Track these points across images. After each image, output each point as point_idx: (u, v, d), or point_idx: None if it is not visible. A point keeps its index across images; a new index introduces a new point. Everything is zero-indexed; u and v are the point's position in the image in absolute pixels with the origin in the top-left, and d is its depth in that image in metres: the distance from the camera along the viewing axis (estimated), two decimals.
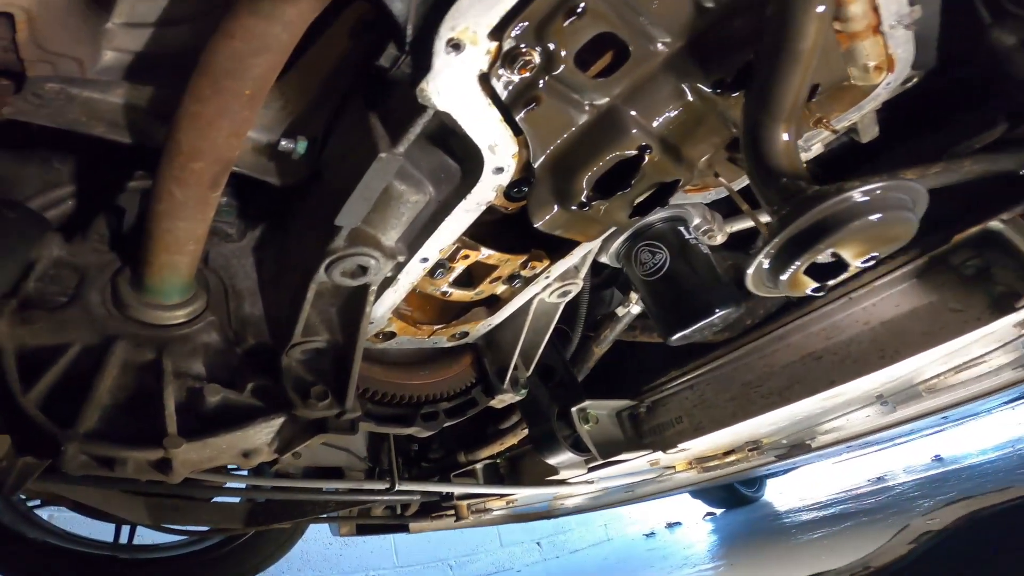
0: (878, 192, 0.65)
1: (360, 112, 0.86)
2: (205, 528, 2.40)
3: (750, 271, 0.73)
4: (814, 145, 1.21)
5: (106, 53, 0.86)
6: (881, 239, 0.68)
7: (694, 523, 5.59)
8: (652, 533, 5.85)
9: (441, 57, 0.69)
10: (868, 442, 2.98)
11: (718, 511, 5.36)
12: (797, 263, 0.68)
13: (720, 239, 1.35)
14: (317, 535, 4.25)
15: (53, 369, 0.98)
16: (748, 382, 1.69)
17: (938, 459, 5.25)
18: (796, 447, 2.51)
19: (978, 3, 1.24)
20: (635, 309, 1.55)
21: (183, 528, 2.39)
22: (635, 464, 1.95)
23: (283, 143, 0.94)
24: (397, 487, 1.84)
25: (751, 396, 1.68)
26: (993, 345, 1.56)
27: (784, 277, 0.71)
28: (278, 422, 1.13)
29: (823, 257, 0.68)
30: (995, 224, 1.27)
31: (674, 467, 2.17)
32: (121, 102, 0.91)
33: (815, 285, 0.74)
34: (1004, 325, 1.36)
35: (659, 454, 1.82)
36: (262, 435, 1.15)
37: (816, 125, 1.10)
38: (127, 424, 1.01)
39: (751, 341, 1.64)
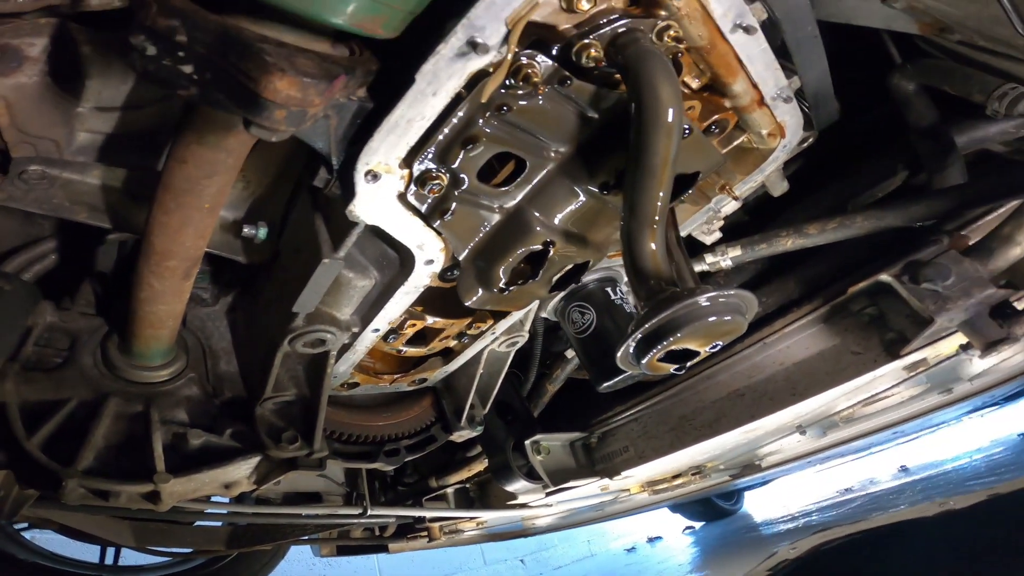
0: (716, 298, 0.81)
1: (307, 210, 1.00)
2: (188, 550, 2.51)
3: (619, 354, 0.89)
4: (724, 207, 1.33)
5: (80, 134, 0.93)
6: (718, 334, 0.83)
7: (674, 537, 5.72)
8: (633, 548, 5.97)
9: (362, 185, 0.81)
10: (830, 455, 3.14)
11: (697, 524, 5.50)
12: (653, 352, 0.83)
13: None
14: (301, 555, 4.33)
15: (54, 418, 1.12)
16: (684, 415, 1.86)
17: (904, 469, 5.44)
18: (747, 467, 2.68)
19: (890, 45, 1.38)
20: None
21: (167, 550, 2.51)
22: (588, 489, 2.12)
23: (246, 229, 1.07)
24: (369, 512, 1.98)
25: (686, 428, 1.86)
26: (893, 381, 1.75)
27: (644, 362, 0.85)
28: (254, 460, 1.29)
29: (677, 346, 0.84)
30: (884, 277, 1.41)
31: (628, 490, 2.33)
32: (98, 183, 1.01)
33: (674, 367, 0.88)
34: (893, 367, 1.53)
35: (606, 480, 1.98)
36: (241, 471, 1.30)
37: (721, 191, 1.24)
38: (120, 462, 1.15)
39: (684, 380, 1.82)
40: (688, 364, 0.89)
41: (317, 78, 0.60)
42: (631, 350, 0.86)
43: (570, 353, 1.79)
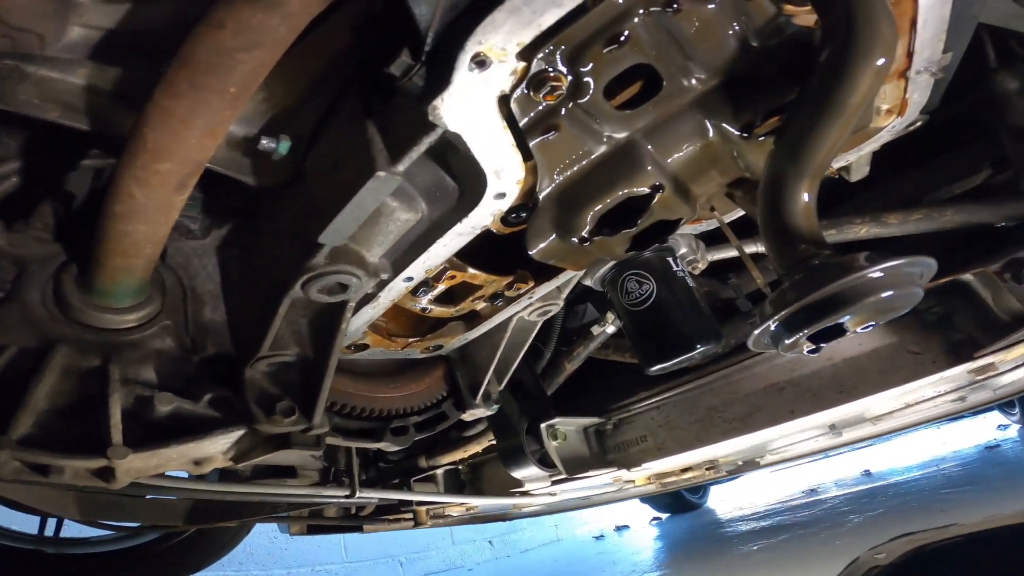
0: (894, 269, 0.64)
1: (356, 117, 0.79)
2: (137, 524, 2.27)
3: (756, 332, 0.72)
4: None
5: (73, 29, 0.77)
6: (887, 310, 0.68)
7: (641, 527, 5.74)
8: (601, 536, 5.97)
9: (463, 73, 0.62)
10: (827, 454, 3.11)
11: (664, 516, 5.53)
12: (806, 330, 0.67)
13: (701, 267, 1.35)
14: (262, 528, 4.11)
15: None
16: (713, 407, 1.72)
17: (867, 474, 5.58)
18: (747, 463, 2.59)
19: (987, 45, 1.28)
20: (610, 329, 1.54)
21: (116, 524, 2.25)
22: (599, 479, 1.96)
23: (264, 141, 0.85)
24: (358, 495, 1.77)
25: (715, 421, 1.71)
26: (944, 388, 1.65)
27: (789, 341, 0.70)
28: (237, 434, 1.05)
29: (829, 322, 0.67)
30: (967, 276, 1.31)
31: (634, 481, 2.19)
32: (82, 83, 0.81)
33: (812, 347, 0.74)
34: (958, 371, 1.43)
35: (623, 471, 1.83)
36: (217, 445, 1.07)
37: None
38: (66, 431, 0.93)
39: (720, 369, 1.67)
40: (828, 344, 0.72)
41: None
42: (775, 327, 0.68)
43: (596, 329, 1.61)
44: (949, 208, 1.28)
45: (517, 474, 1.70)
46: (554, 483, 1.87)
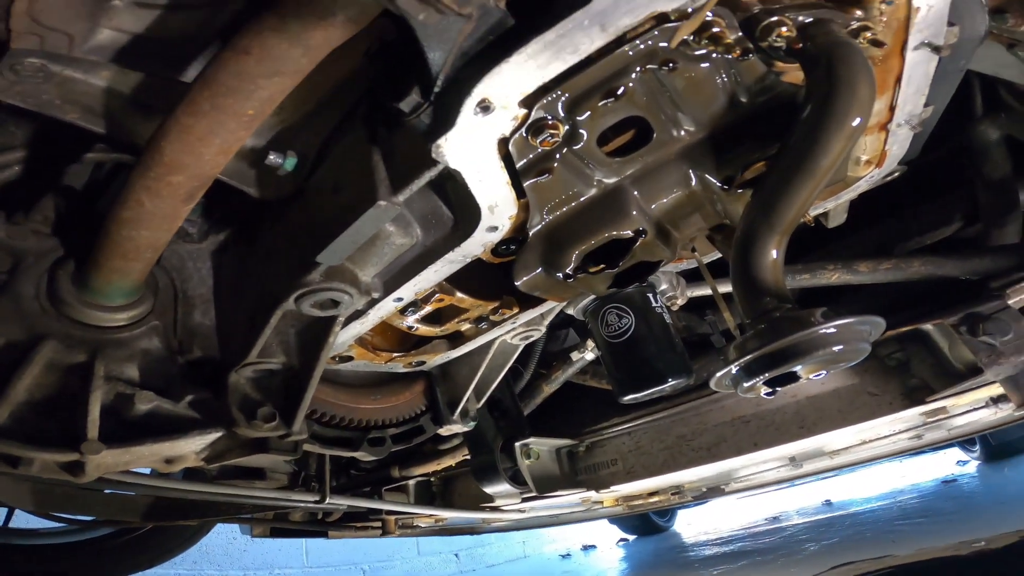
0: (846, 327, 0.70)
1: (361, 144, 0.83)
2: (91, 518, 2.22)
3: (719, 374, 0.77)
4: None
5: (102, 31, 0.79)
6: (836, 362, 0.74)
7: (608, 548, 5.76)
8: (568, 555, 5.97)
9: (467, 116, 0.66)
10: (789, 485, 3.19)
11: (630, 537, 5.56)
12: (764, 376, 0.73)
13: (681, 302, 1.41)
14: (221, 527, 4.02)
15: None
16: (682, 435, 1.78)
17: (827, 503, 5.70)
18: (711, 490, 2.66)
19: (976, 92, 1.34)
20: (589, 356, 1.59)
21: (71, 517, 2.20)
22: (568, 498, 2.00)
23: (271, 156, 0.88)
24: (328, 501, 1.78)
25: (683, 449, 1.77)
26: (899, 427, 1.73)
27: (747, 384, 0.76)
28: (213, 436, 1.07)
29: (783, 371, 0.73)
30: (927, 326, 1.39)
31: (602, 501, 2.23)
32: (103, 85, 0.83)
33: (768, 390, 0.79)
34: (912, 413, 1.51)
35: (591, 492, 1.87)
36: (192, 445, 1.08)
37: None
38: (42, 423, 0.94)
39: (691, 400, 1.73)
40: (782, 388, 0.78)
41: None
42: (735, 371, 0.74)
43: (576, 355, 1.65)
44: (916, 260, 1.35)
45: (489, 489, 1.73)
46: (524, 500, 1.90)
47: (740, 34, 0.69)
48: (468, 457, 1.89)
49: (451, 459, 2.01)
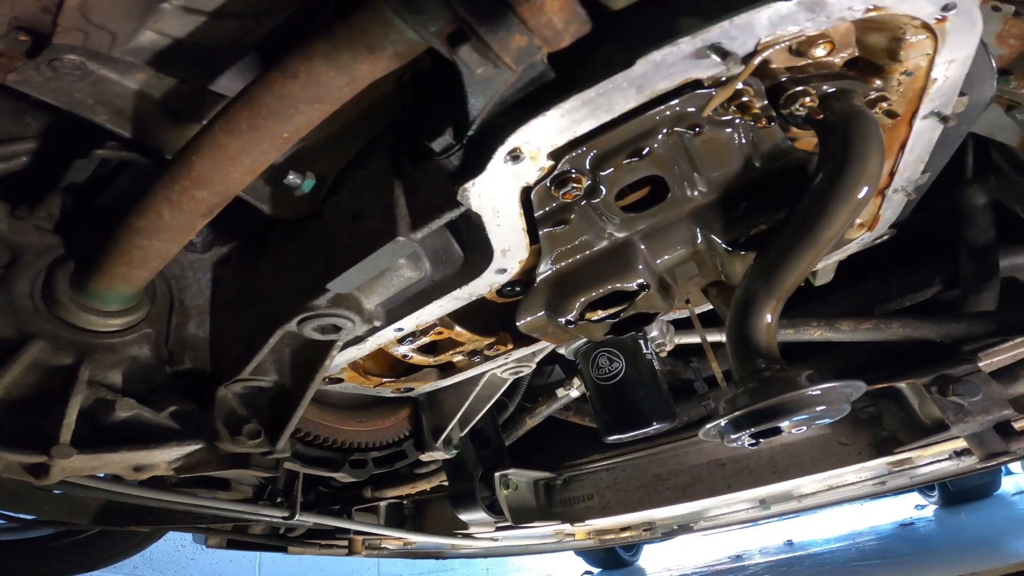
0: (830, 390, 0.74)
1: (384, 175, 0.83)
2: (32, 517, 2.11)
3: (708, 426, 0.80)
4: None
5: (145, 33, 0.79)
6: (818, 419, 0.78)
7: None
8: None
9: (497, 163, 0.68)
10: (754, 524, 3.24)
11: (595, 571, 5.52)
12: (751, 429, 0.76)
13: (669, 348, 1.44)
14: (170, 532, 3.83)
15: None
16: (659, 475, 1.80)
17: (789, 543, 5.76)
18: (681, 527, 2.68)
19: (968, 153, 1.36)
20: (574, 393, 1.61)
21: (13, 515, 2.09)
22: (540, 529, 2.00)
23: (291, 176, 0.88)
24: (297, 518, 1.74)
25: (659, 487, 1.80)
26: (865, 475, 1.79)
27: (734, 436, 0.79)
28: (191, 448, 1.05)
29: (769, 426, 0.76)
30: (902, 384, 1.45)
31: (574, 534, 2.23)
32: (135, 88, 0.84)
33: (752, 442, 0.83)
34: (880, 463, 1.57)
35: (566, 525, 1.87)
36: (167, 456, 1.07)
37: None
38: (12, 423, 0.91)
39: (670, 442, 1.76)
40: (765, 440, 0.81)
41: (583, 13, 0.45)
42: (724, 424, 0.77)
43: (561, 391, 1.67)
44: (896, 321, 1.41)
45: (465, 517, 1.72)
46: (498, 529, 1.89)
47: (765, 102, 0.72)
48: (443, 483, 1.88)
49: (426, 483, 1.99)
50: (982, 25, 0.68)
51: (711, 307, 1.22)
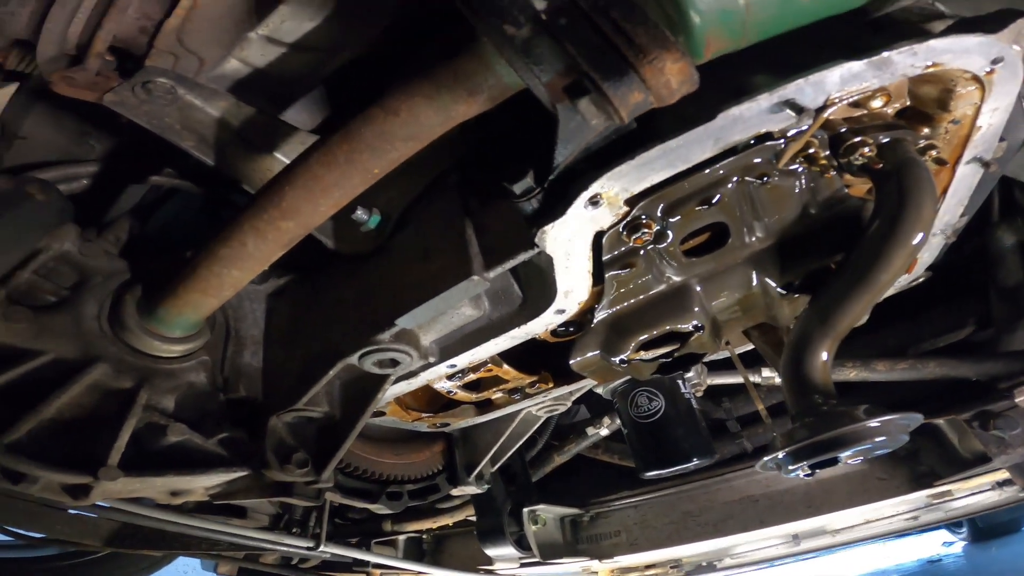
0: (888, 422, 0.75)
1: (453, 213, 0.86)
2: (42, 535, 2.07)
3: (765, 459, 0.82)
4: None
5: (230, 60, 0.83)
6: (877, 450, 0.79)
7: None
8: None
9: (577, 209, 0.70)
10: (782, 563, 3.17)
11: None
12: (810, 461, 0.77)
13: (703, 389, 1.46)
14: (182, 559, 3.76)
15: (10, 372, 0.88)
16: (688, 511, 1.79)
17: None
18: (708, 565, 2.62)
19: (994, 195, 1.37)
20: (604, 432, 1.62)
21: (24, 533, 2.06)
22: (566, 567, 1.97)
23: (358, 212, 0.91)
24: (322, 548, 1.72)
25: (688, 524, 1.78)
26: (902, 508, 1.78)
27: (793, 467, 0.80)
28: (235, 475, 1.06)
29: (828, 456, 0.77)
30: (939, 421, 1.47)
31: (597, 573, 2.20)
32: (216, 116, 0.87)
33: (809, 472, 0.84)
34: (919, 496, 1.57)
35: (594, 562, 1.85)
36: (209, 482, 1.07)
37: None
38: (60, 443, 0.91)
39: (701, 479, 1.75)
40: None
41: (695, 74, 0.48)
42: (783, 456, 0.78)
43: (591, 429, 1.68)
44: (932, 361, 1.43)
45: (492, 552, 1.70)
46: (523, 566, 1.87)
47: (828, 152, 0.76)
48: (467, 518, 1.86)
49: (449, 519, 1.98)
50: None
51: (748, 348, 1.24)
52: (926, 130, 0.78)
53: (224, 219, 0.83)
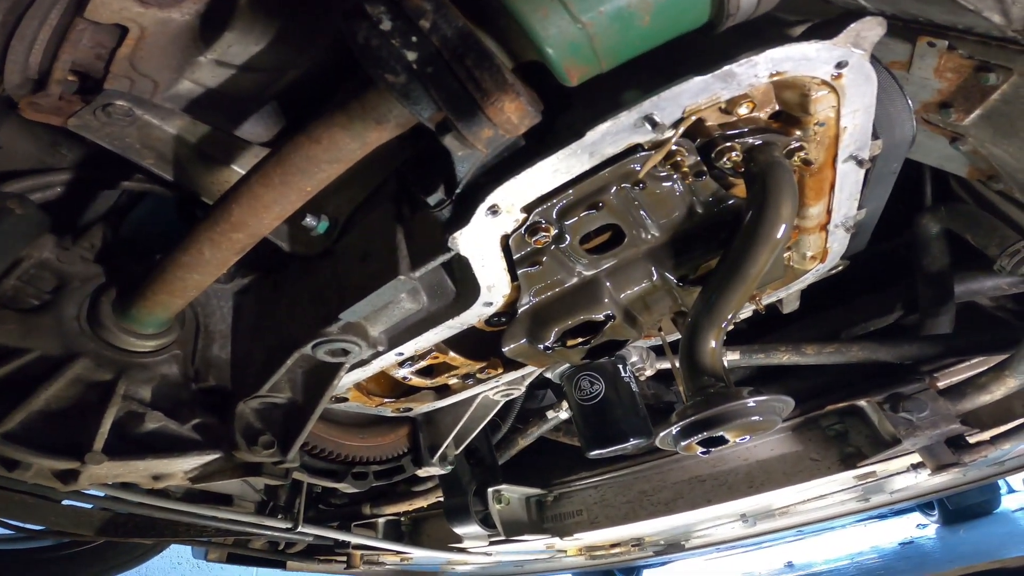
0: (763, 402, 0.86)
1: (388, 220, 0.97)
2: (41, 528, 2.16)
3: (662, 435, 0.93)
4: (743, 313, 1.38)
5: (183, 82, 0.92)
6: (755, 430, 0.89)
7: None
8: None
9: (479, 217, 0.81)
10: (734, 545, 3.32)
11: None
12: (697, 437, 0.88)
13: (649, 373, 1.57)
14: (174, 547, 3.88)
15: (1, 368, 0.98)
16: (643, 491, 1.91)
17: (789, 565, 5.75)
18: (672, 546, 2.76)
19: (926, 183, 1.45)
20: (563, 415, 1.73)
21: (18, 524, 2.15)
22: (532, 545, 2.09)
23: (308, 218, 1.02)
24: (299, 529, 1.84)
25: (643, 503, 1.90)
26: (836, 488, 1.90)
27: (684, 444, 0.91)
28: (210, 457, 1.17)
29: (712, 434, 0.88)
30: (862, 402, 1.59)
31: (565, 551, 2.32)
32: (173, 133, 0.96)
33: (703, 450, 0.95)
34: (847, 476, 1.68)
35: (556, 539, 1.97)
36: (186, 464, 1.17)
37: (749, 300, 1.33)
38: (50, 432, 1.01)
39: (654, 459, 1.87)
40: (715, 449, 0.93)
41: (534, 109, 0.59)
42: (675, 432, 0.89)
43: (551, 413, 1.80)
44: (856, 345, 1.53)
45: (459, 530, 1.82)
46: (492, 543, 1.99)
47: (697, 159, 0.86)
48: (440, 500, 1.98)
49: (423, 501, 2.10)
50: (876, 77, 0.78)
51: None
52: (798, 132, 0.87)
53: (197, 217, 0.93)
